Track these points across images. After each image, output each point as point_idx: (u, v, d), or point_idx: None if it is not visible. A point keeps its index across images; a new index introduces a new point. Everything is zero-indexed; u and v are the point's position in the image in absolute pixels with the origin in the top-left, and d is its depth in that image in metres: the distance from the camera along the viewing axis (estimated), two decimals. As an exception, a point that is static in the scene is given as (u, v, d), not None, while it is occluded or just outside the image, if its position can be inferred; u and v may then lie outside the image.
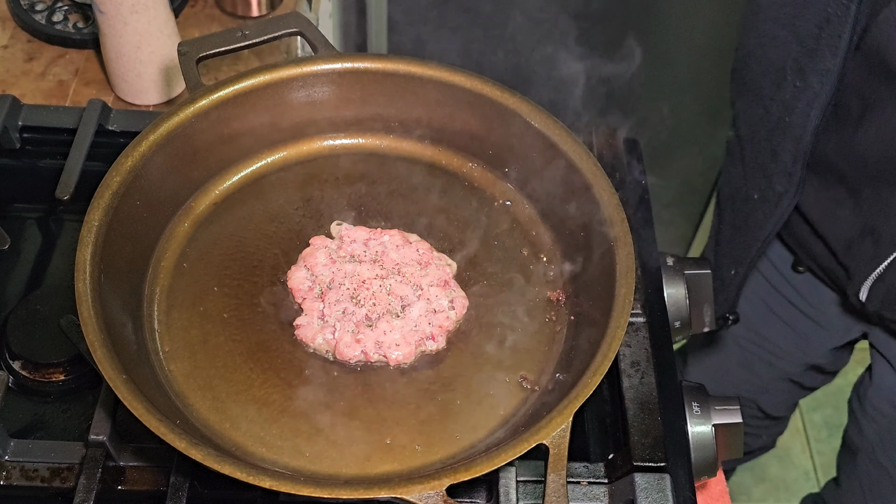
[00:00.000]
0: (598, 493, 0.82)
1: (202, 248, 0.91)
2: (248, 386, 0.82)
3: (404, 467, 0.78)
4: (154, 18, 1.12)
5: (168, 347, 0.84)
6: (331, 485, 0.69)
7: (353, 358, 0.84)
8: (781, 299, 1.33)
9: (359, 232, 0.92)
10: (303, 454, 0.78)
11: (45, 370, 0.91)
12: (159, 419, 0.69)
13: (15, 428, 0.88)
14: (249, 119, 0.94)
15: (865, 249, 1.09)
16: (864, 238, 1.09)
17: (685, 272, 1.00)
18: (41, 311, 0.94)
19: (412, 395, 0.82)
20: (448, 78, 0.94)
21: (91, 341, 0.73)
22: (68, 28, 1.25)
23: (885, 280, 1.09)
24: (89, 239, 0.79)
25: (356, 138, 1.00)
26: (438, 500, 0.67)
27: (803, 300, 1.31)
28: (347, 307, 0.86)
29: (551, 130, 0.90)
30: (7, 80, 1.20)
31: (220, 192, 0.95)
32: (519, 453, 0.70)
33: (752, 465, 2.15)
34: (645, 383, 0.88)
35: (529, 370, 0.84)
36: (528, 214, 0.95)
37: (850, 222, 1.11)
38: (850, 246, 1.12)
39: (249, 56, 1.23)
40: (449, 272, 0.90)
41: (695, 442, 0.87)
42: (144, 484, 0.82)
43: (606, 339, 0.77)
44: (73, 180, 0.99)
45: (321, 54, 0.94)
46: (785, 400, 1.51)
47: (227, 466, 0.68)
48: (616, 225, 0.84)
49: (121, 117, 1.08)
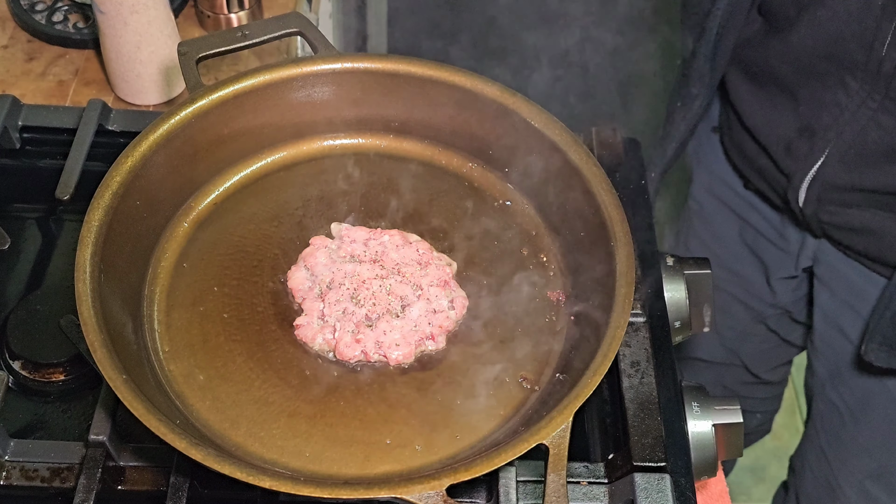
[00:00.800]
0: (598, 493, 0.82)
1: (202, 248, 0.91)
2: (248, 386, 0.82)
3: (404, 467, 0.78)
4: (154, 18, 1.12)
5: (168, 347, 0.84)
6: (331, 485, 0.69)
7: (353, 358, 0.84)
8: (745, 225, 1.37)
9: (359, 232, 0.92)
10: (303, 454, 0.78)
11: (45, 370, 0.91)
12: (159, 419, 0.69)
13: (15, 428, 0.88)
14: (249, 119, 0.94)
15: (803, 148, 1.14)
16: (802, 137, 1.14)
17: (685, 272, 1.00)
18: (41, 311, 0.94)
19: (412, 395, 0.82)
20: (448, 78, 0.94)
21: (91, 341, 0.73)
22: (68, 28, 1.25)
23: (819, 178, 1.14)
24: (89, 239, 0.79)
25: (356, 138, 1.00)
26: (438, 500, 0.67)
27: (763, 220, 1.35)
28: (347, 307, 0.86)
29: (551, 130, 0.90)
30: (7, 80, 1.20)
31: (220, 192, 0.95)
32: (519, 453, 0.70)
33: (752, 465, 2.15)
34: (645, 383, 0.88)
35: (529, 370, 0.84)
36: (528, 214, 0.95)
37: (789, 124, 1.16)
38: (789, 147, 1.17)
39: (249, 56, 1.23)
40: (449, 272, 0.90)
41: (695, 442, 0.87)
42: (144, 484, 0.82)
43: (606, 339, 0.77)
44: (73, 180, 0.99)
45: (321, 54, 0.94)
46: (768, 355, 1.53)
47: (227, 466, 0.68)
48: (616, 225, 0.84)
49: (121, 117, 1.08)
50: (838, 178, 1.12)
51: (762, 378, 1.56)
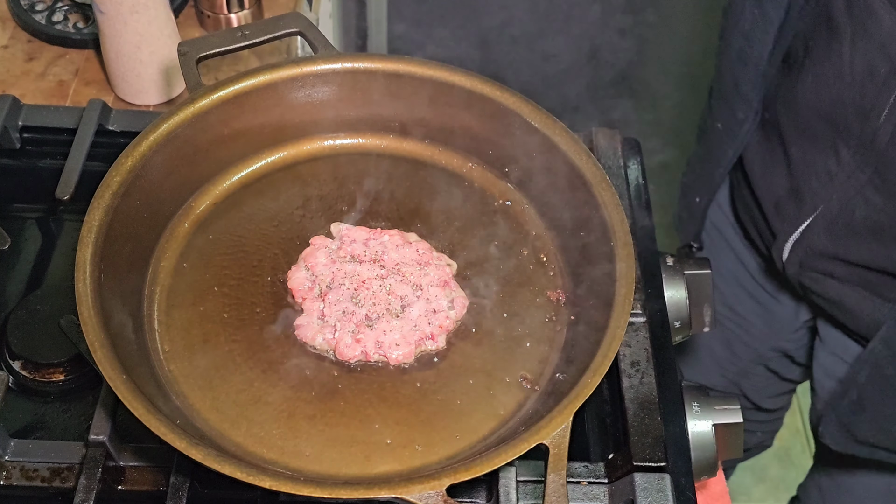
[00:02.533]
0: (598, 493, 0.82)
1: (202, 247, 0.91)
2: (248, 386, 0.82)
3: (404, 467, 0.78)
4: (154, 18, 1.12)
5: (168, 347, 0.84)
6: (331, 485, 0.69)
7: (353, 358, 0.84)
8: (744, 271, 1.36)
9: (359, 232, 0.92)
10: (303, 454, 0.78)
11: (45, 370, 0.91)
12: (159, 419, 0.69)
13: (15, 428, 0.88)
14: (249, 119, 0.94)
15: (790, 210, 1.12)
16: (790, 198, 1.12)
17: (685, 272, 1.00)
18: (41, 311, 0.94)
19: (412, 395, 0.82)
20: (448, 78, 0.94)
21: (91, 341, 0.73)
22: (68, 28, 1.25)
23: (803, 243, 1.12)
24: (89, 239, 0.79)
25: (356, 138, 1.00)
26: (438, 500, 0.67)
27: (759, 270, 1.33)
28: (347, 307, 0.86)
29: (551, 130, 0.90)
30: (7, 80, 1.20)
31: (220, 192, 0.95)
32: (519, 453, 0.70)
33: (753, 465, 2.15)
34: (645, 383, 0.88)
35: (529, 370, 0.84)
36: (528, 214, 0.95)
37: (781, 182, 1.14)
38: (778, 206, 1.15)
39: (249, 56, 1.23)
40: (449, 272, 0.90)
41: (695, 442, 0.87)
42: (144, 484, 0.82)
43: (606, 339, 0.77)
44: (73, 180, 0.99)
45: (321, 54, 0.94)
46: (768, 389, 1.52)
47: (227, 466, 0.68)
48: (616, 225, 0.84)
49: (121, 117, 1.08)
50: (822, 246, 1.10)
51: (763, 407, 1.56)
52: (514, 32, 2.19)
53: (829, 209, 1.07)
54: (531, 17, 2.18)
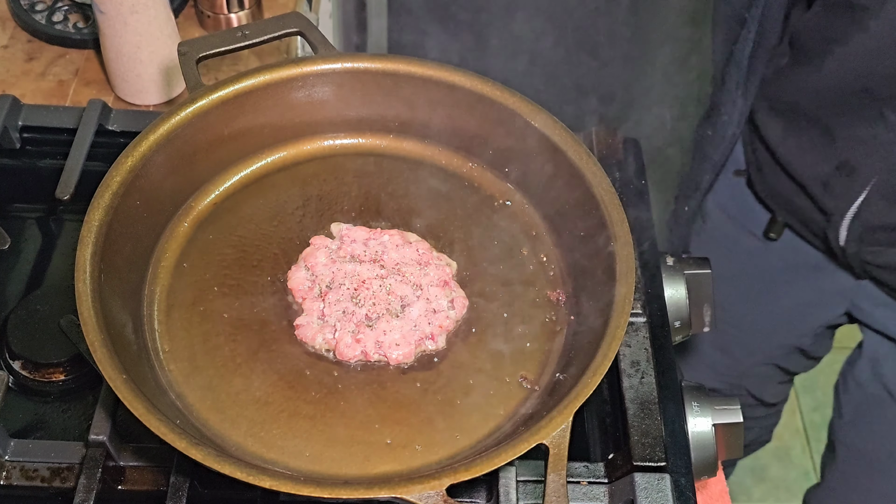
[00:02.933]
0: (598, 493, 0.82)
1: (202, 248, 0.91)
2: (248, 386, 0.82)
3: (404, 467, 0.78)
4: (154, 18, 1.12)
5: (168, 347, 0.84)
6: (331, 485, 0.69)
7: (353, 358, 0.84)
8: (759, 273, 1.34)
9: (359, 232, 0.92)
10: (303, 454, 0.78)
11: (45, 370, 0.91)
12: (159, 419, 0.69)
13: (15, 428, 0.88)
14: (249, 119, 0.94)
15: (842, 185, 1.11)
16: (840, 173, 1.11)
17: (685, 272, 1.00)
18: (41, 311, 0.94)
19: (412, 395, 0.82)
20: (448, 78, 0.94)
21: (91, 341, 0.73)
22: (68, 28, 1.25)
23: (861, 216, 1.10)
24: (89, 239, 0.79)
25: (356, 138, 1.00)
26: (438, 500, 0.67)
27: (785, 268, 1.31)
28: (347, 307, 0.86)
29: (551, 130, 0.90)
30: (7, 80, 1.20)
31: (220, 192, 0.95)
32: (519, 453, 0.70)
33: (752, 465, 2.15)
34: (645, 383, 0.88)
35: (529, 370, 0.84)
36: (528, 214, 0.95)
37: (825, 160, 1.12)
38: (827, 184, 1.13)
39: (249, 56, 1.23)
40: (449, 272, 0.90)
41: (695, 442, 0.87)
42: (144, 484, 0.82)
43: (606, 339, 0.77)
44: (73, 180, 0.99)
45: (321, 54, 0.94)
46: (772, 384, 1.52)
47: (227, 466, 0.68)
48: (616, 225, 0.84)
49: (121, 117, 1.08)
50: (881, 216, 1.09)
51: (764, 400, 1.55)
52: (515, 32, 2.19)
53: (883, 176, 1.06)
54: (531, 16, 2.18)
